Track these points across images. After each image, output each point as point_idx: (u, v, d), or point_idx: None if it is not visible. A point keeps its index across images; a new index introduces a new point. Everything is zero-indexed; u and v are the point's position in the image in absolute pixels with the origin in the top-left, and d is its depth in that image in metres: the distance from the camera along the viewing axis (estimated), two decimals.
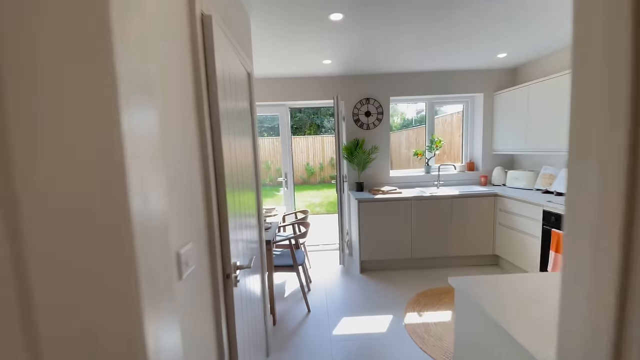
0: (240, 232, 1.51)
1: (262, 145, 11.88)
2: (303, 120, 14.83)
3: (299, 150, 12.16)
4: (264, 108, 4.12)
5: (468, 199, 3.58)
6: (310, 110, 14.62)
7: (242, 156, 1.66)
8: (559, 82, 3.02)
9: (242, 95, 1.72)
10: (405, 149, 6.25)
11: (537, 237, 3.00)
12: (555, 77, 3.06)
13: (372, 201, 3.51)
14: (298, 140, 12.20)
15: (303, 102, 4.05)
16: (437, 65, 3.76)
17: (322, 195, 9.93)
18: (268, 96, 3.92)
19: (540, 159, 3.75)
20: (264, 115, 4.89)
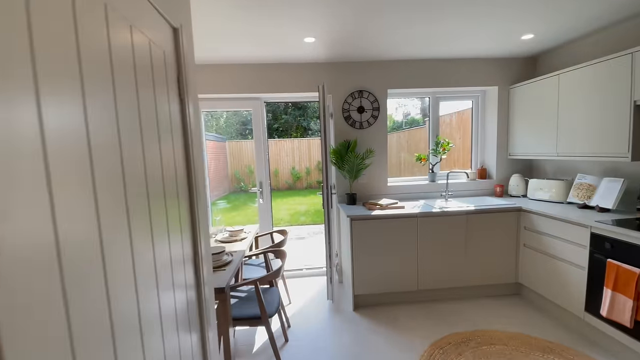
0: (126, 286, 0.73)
1: (242, 149, 11.06)
2: (289, 123, 14.08)
3: (284, 153, 11.38)
4: (231, 102, 3.33)
5: (486, 214, 2.88)
6: (296, 111, 13.91)
7: (152, 164, 0.89)
8: (604, 68, 2.36)
9: (145, 78, 0.94)
10: (402, 152, 5.55)
11: (581, 268, 2.31)
12: (598, 63, 2.40)
13: (368, 219, 2.76)
14: (283, 143, 11.43)
15: (282, 94, 3.28)
16: (445, 51, 3.06)
17: (309, 202, 9.16)
18: (236, 86, 3.15)
19: (569, 165, 3.08)
20: (245, 113, 4.08)
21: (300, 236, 5.83)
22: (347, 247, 2.97)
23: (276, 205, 8.96)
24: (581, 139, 2.62)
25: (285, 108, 14.01)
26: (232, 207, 8.48)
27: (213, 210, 8.02)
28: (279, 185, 11.49)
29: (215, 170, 10.05)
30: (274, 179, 11.43)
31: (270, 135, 13.62)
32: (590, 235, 2.24)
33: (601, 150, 2.44)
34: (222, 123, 12.35)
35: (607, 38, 2.63)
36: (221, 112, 12.27)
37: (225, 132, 11.95)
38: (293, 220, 7.10)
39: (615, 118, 2.31)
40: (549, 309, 2.67)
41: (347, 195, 3.21)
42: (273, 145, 11.38)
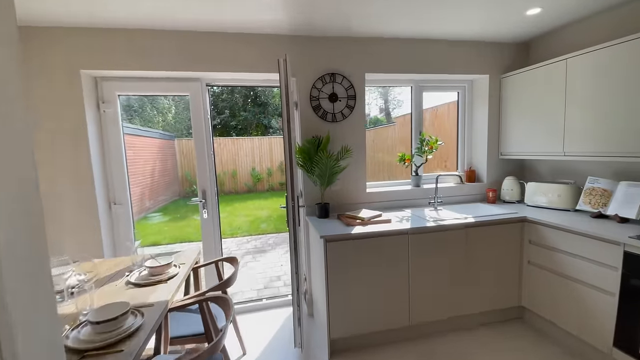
0: None
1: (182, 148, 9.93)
2: (249, 120, 13.10)
3: (243, 153, 10.45)
4: (160, 84, 2.49)
5: (488, 227, 2.37)
6: (256, 108, 12.98)
7: None
8: (628, 50, 1.92)
9: None
10: (375, 152, 5.00)
11: (610, 294, 1.86)
12: (619, 44, 1.97)
13: (348, 239, 2.11)
14: (242, 142, 10.49)
15: (230, 74, 2.51)
16: (432, 29, 2.51)
17: (271, 207, 8.36)
18: (167, 62, 2.32)
19: (570, 166, 2.69)
20: (178, 98, 3.21)
21: (260, 249, 5.05)
22: (319, 274, 2.29)
23: (233, 210, 8.04)
24: (595, 136, 2.19)
25: (244, 104, 13.03)
26: (181, 215, 7.41)
27: (143, 226, 6.92)
28: (238, 188, 10.53)
29: (161, 173, 8.86)
30: (231, 181, 10.44)
31: (228, 134, 12.58)
32: (623, 255, 1.79)
33: (623, 150, 2.01)
34: (170, 118, 11.07)
35: (612, 20, 2.22)
36: (169, 106, 11.01)
37: (174, 128, 10.70)
38: (252, 229, 6.28)
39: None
40: (561, 338, 2.22)
41: (317, 205, 2.54)
42: (230, 144, 10.39)
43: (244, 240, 5.55)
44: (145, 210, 7.91)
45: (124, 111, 2.63)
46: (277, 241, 5.42)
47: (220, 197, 10.05)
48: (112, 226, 2.53)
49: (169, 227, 6.67)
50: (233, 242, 5.46)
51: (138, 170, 7.87)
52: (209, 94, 2.69)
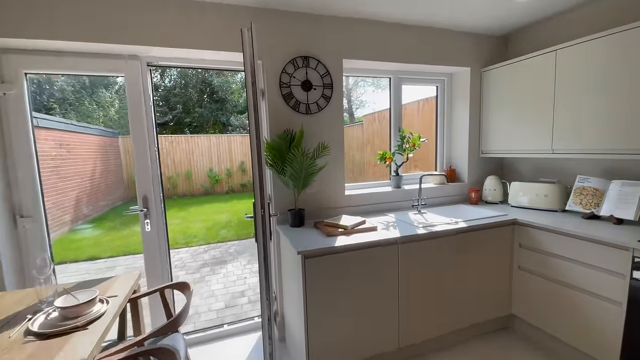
0: None
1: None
2: (205, 117, 12.22)
3: (198, 152, 9.65)
4: (83, 60, 1.92)
5: (478, 232, 2.15)
6: (213, 104, 12.16)
7: None
8: (627, 39, 1.80)
9: None
10: (347, 151, 4.70)
11: (616, 303, 1.70)
12: (615, 34, 1.84)
13: (330, 253, 1.74)
14: (197, 140, 9.68)
15: (179, 51, 2.03)
16: (413, 12, 2.24)
17: (231, 210, 7.74)
18: (89, 29, 1.78)
19: (555, 164, 2.58)
20: (122, 90, 2.61)
21: (220, 259, 4.50)
22: (295, 295, 1.90)
23: (188, 216, 7.30)
24: (585, 132, 2.06)
25: (200, 100, 12.14)
26: (125, 223, 6.53)
27: (77, 238, 6.02)
28: (193, 190, 9.70)
29: (102, 175, 7.84)
30: (185, 183, 9.58)
31: (182, 131, 11.61)
32: (632, 261, 1.63)
33: (613, 147, 1.89)
34: (113, 113, 9.88)
35: (596, 12, 2.12)
36: (112, 99, 9.84)
37: (118, 125, 9.56)
38: (210, 236, 5.67)
39: None
40: (556, 349, 2.06)
41: (290, 212, 2.14)
42: (184, 143, 9.53)
43: (200, 250, 4.94)
44: (83, 218, 6.90)
45: (58, 104, 2.03)
46: (239, 249, 4.89)
47: (174, 200, 9.17)
48: (18, 246, 1.92)
49: (111, 236, 5.82)
50: (187, 253, 4.84)
51: (73, 172, 6.85)
52: (152, 77, 2.17)
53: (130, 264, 4.43)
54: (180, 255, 4.75)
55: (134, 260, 4.57)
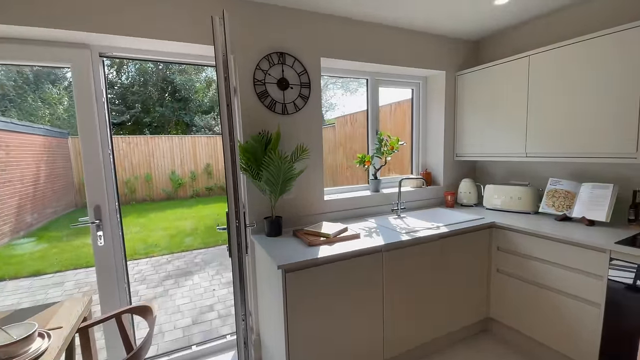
0: None
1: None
2: (166, 117, 11.56)
3: (159, 154, 9.06)
4: (21, 47, 1.63)
5: (459, 236, 2.12)
6: (175, 103, 11.54)
7: None
8: (600, 45, 1.85)
9: None
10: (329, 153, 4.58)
11: (594, 304, 1.73)
12: (591, 40, 1.89)
13: (314, 265, 1.60)
14: (158, 141, 9.08)
15: (137, 40, 1.79)
16: (392, 12, 2.18)
17: (196, 216, 7.31)
18: (26, 13, 1.50)
19: (525, 167, 2.64)
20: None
21: (185, 270, 4.18)
22: (274, 311, 1.74)
23: (148, 223, 6.78)
24: (556, 136, 2.11)
25: (161, 99, 11.46)
26: (72, 231, 5.91)
27: (16, 251, 5.38)
28: (154, 195, 9.07)
29: (49, 179, 7.10)
30: (145, 186, 8.95)
31: (141, 131, 10.88)
32: (609, 262, 1.66)
33: (593, 150, 1.94)
34: (61, 111, 9.00)
35: (567, 19, 2.20)
36: (60, 96, 8.96)
37: (67, 124, 8.71)
38: (174, 245, 5.27)
39: (615, 109, 1.81)
40: (535, 351, 2.08)
41: (267, 220, 1.97)
42: (143, 144, 8.90)
43: (162, 260, 4.57)
44: (26, 228, 6.18)
45: None
46: (206, 258, 4.58)
47: (132, 206, 8.53)
48: None
49: (59, 248, 5.23)
50: (148, 264, 4.45)
51: (13, 176, 6.12)
52: (104, 70, 1.90)
53: (82, 279, 3.97)
54: (140, 267, 4.35)
55: (85, 275, 4.11)
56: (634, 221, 1.92)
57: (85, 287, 3.73)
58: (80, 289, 3.71)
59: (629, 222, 1.96)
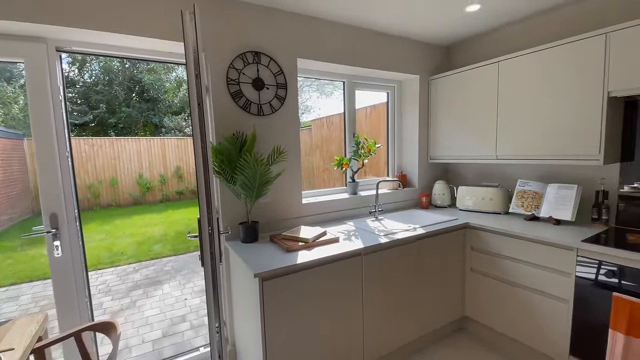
0: None
1: None
2: (133, 117, 11.03)
3: (125, 156, 8.61)
4: None
5: (435, 237, 2.15)
6: (144, 104, 11.05)
7: None
8: (565, 52, 1.95)
9: None
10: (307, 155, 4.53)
11: (563, 300, 1.80)
12: (556, 47, 1.99)
13: (293, 271, 1.55)
14: (124, 143, 8.62)
15: (98, 34, 1.66)
16: (367, 16, 2.19)
17: (166, 222, 6.99)
18: None
19: (494, 169, 2.73)
20: None
21: (154, 279, 3.96)
22: (250, 321, 1.66)
23: (114, 230, 6.40)
24: (524, 139, 2.20)
25: (127, 99, 10.93)
26: (28, 240, 5.44)
27: None
28: (119, 200, 8.60)
29: (2, 184, 6.52)
30: (110, 191, 8.47)
31: (105, 133, 10.31)
32: (576, 260, 1.74)
33: (559, 153, 2.03)
34: (16, 111, 8.33)
35: (541, 26, 2.31)
36: (15, 95, 8.30)
37: (23, 124, 8.06)
38: (142, 253, 5.00)
39: (580, 113, 1.91)
40: (510, 349, 2.13)
41: (242, 226, 1.88)
42: (108, 146, 8.42)
43: (129, 269, 4.30)
44: None
45: None
46: (176, 266, 4.37)
47: (95, 212, 8.05)
48: None
49: (13, 259, 4.79)
50: (114, 274, 4.17)
51: None
52: (62, 66, 1.75)
53: (39, 293, 3.65)
54: (105, 277, 4.08)
55: (43, 288, 3.79)
56: (597, 220, 2.03)
57: (43, 302, 3.43)
58: (37, 303, 3.41)
59: (592, 220, 2.06)
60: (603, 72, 1.79)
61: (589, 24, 2.04)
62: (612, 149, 1.89)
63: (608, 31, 1.75)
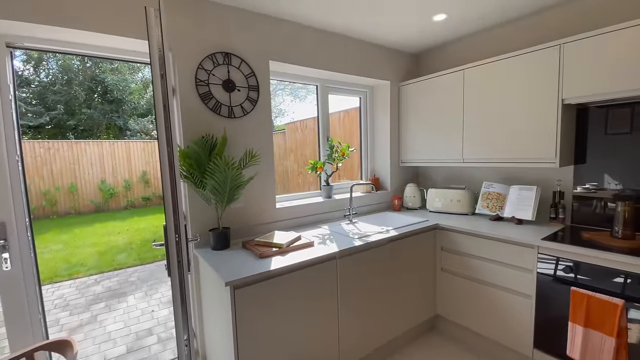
0: None
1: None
2: (95, 120, 10.43)
3: (86, 161, 8.12)
4: None
5: (407, 238, 2.19)
6: (106, 105, 10.49)
7: None
8: (522, 62, 2.07)
9: None
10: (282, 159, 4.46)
11: (526, 296, 1.90)
12: (515, 57, 2.11)
13: (266, 278, 1.50)
14: (85, 147, 8.12)
15: (54, 30, 1.55)
16: (343, 22, 2.22)
17: (131, 229, 6.63)
18: None
19: (460, 172, 2.84)
20: None
21: (118, 291, 3.72)
22: (221, 331, 1.60)
23: (72, 239, 5.97)
24: (488, 143, 2.31)
25: (88, 99, 10.32)
26: None
27: None
28: (79, 207, 8.07)
29: None
30: (69, 198, 7.93)
31: (63, 135, 9.67)
32: (537, 257, 1.84)
33: (520, 156, 2.15)
34: None
35: (504, 36, 2.44)
36: None
37: None
38: (104, 264, 4.70)
39: (538, 119, 2.03)
40: (479, 345, 2.21)
41: (212, 233, 1.82)
42: (67, 149, 7.89)
43: (90, 282, 4.02)
44: None
45: None
46: (142, 276, 4.14)
47: (51, 221, 7.50)
48: None
49: None
50: (72, 287, 3.88)
51: None
52: (12, 63, 1.61)
53: None
54: (62, 290, 3.78)
55: None
56: (554, 219, 2.16)
57: None
58: None
59: (550, 220, 2.20)
60: (558, 80, 1.91)
61: (549, 35, 2.16)
62: (567, 153, 2.03)
63: (562, 42, 1.88)
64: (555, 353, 1.78)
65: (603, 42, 1.72)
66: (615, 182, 1.97)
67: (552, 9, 2.15)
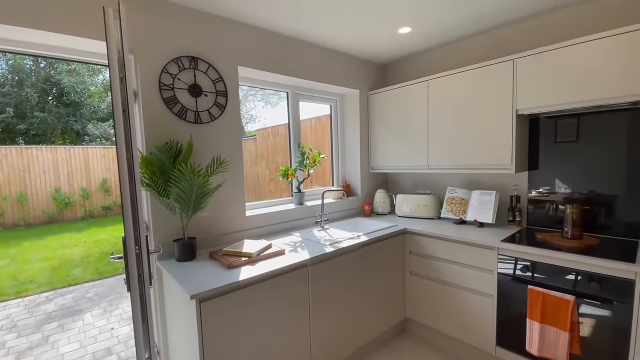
0: None
1: None
2: (49, 124, 9.72)
3: (38, 168, 7.53)
4: None
5: (377, 243, 2.22)
6: (62, 108, 9.83)
7: None
8: (481, 75, 2.20)
9: None
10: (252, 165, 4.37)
11: (488, 295, 1.99)
12: (474, 70, 2.23)
13: (234, 289, 1.46)
14: (37, 152, 7.53)
15: (3, 27, 1.43)
16: (311, 29, 2.24)
17: (88, 241, 6.19)
18: None
19: (430, 178, 2.95)
20: None
21: (73, 309, 3.44)
22: (186, 348, 1.52)
23: (20, 254, 5.47)
24: (450, 151, 2.42)
25: (42, 102, 9.61)
26: None
27: None
28: (29, 218, 7.43)
29: None
30: (17, 208, 7.29)
31: (12, 140, 8.92)
32: (497, 258, 1.94)
33: (479, 162, 2.26)
34: None
35: (470, 48, 2.58)
36: None
37: None
38: (57, 280, 4.33)
39: (495, 128, 2.16)
40: (446, 345, 2.28)
41: (177, 243, 1.74)
42: (15, 155, 7.27)
43: (40, 300, 3.69)
44: None
45: None
46: (100, 292, 3.86)
47: None
48: None
49: None
50: (20, 306, 3.54)
51: None
52: None
53: None
54: (9, 310, 3.43)
55: None
56: (512, 221, 2.29)
57: None
58: None
59: (508, 222, 2.33)
60: (512, 92, 2.05)
61: (508, 49, 2.31)
62: (522, 159, 2.17)
63: (515, 57, 2.02)
64: (516, 349, 1.87)
65: (550, 58, 1.87)
66: (565, 186, 2.13)
67: (513, 24, 2.28)
